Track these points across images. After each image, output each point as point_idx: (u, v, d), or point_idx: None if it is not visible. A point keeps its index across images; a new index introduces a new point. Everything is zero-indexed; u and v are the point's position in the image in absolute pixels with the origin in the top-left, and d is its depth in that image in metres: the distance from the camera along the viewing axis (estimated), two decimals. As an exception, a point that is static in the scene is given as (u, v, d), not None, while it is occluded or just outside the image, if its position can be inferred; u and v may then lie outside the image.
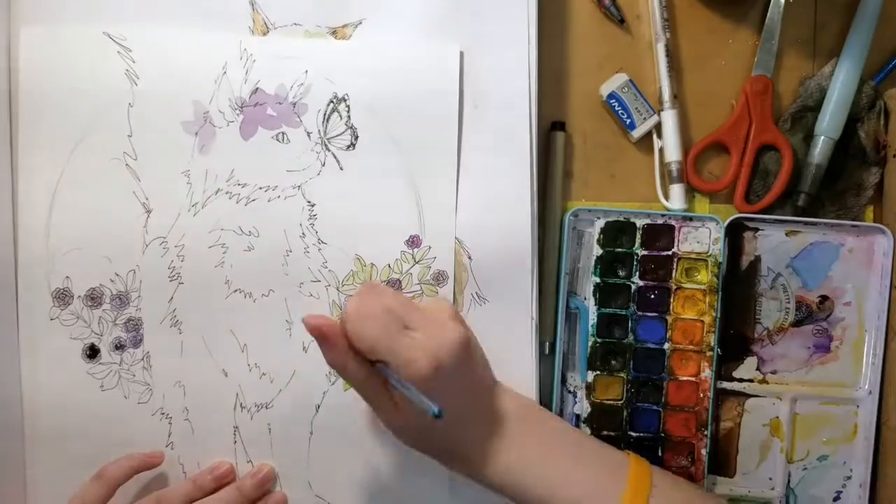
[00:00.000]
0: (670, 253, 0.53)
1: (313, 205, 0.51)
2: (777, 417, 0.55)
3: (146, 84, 0.50)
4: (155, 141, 0.50)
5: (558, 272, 0.54)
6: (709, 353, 0.53)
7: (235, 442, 0.52)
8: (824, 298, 0.55)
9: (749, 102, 0.54)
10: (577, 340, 0.54)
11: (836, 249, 0.54)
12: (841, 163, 0.54)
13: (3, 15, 0.49)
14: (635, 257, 0.53)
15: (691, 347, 0.54)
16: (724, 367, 0.55)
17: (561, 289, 0.53)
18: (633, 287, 0.54)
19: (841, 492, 0.55)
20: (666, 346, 0.54)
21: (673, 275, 0.54)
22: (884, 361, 0.54)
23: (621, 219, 0.53)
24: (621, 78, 0.53)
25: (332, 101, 0.50)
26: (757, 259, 0.54)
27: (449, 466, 0.49)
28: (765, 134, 0.54)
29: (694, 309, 0.54)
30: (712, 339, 0.53)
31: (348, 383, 0.47)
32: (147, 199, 0.50)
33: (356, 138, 0.51)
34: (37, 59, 0.49)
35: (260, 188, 0.50)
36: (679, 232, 0.53)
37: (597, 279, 0.54)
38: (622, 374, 0.54)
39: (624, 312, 0.54)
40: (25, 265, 0.50)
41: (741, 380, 0.55)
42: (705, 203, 0.55)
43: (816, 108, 0.54)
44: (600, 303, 0.54)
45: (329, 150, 0.51)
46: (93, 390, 0.51)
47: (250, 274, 0.51)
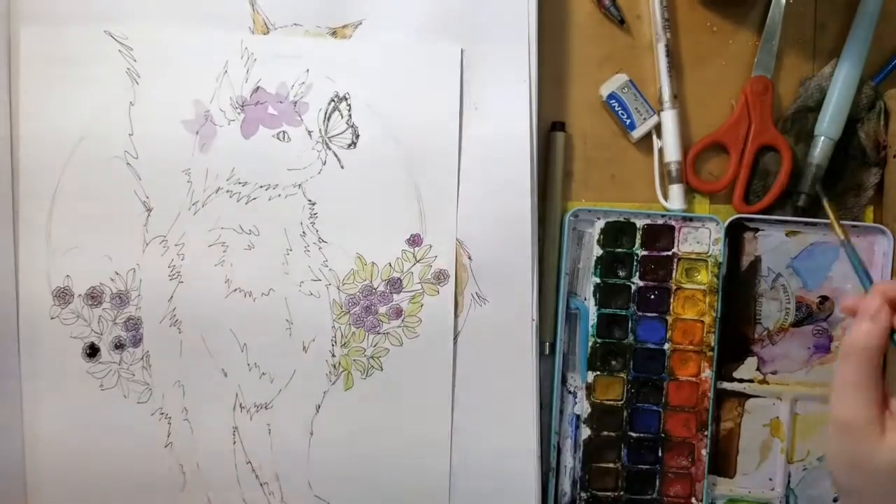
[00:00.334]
0: (670, 253, 0.53)
1: (314, 203, 0.51)
2: (777, 418, 0.55)
3: (147, 83, 0.50)
4: (156, 139, 0.50)
5: (558, 272, 0.54)
6: (709, 354, 0.53)
7: (235, 442, 0.52)
8: (824, 299, 0.55)
9: (749, 103, 0.54)
10: (578, 341, 0.54)
11: (837, 250, 0.54)
12: (841, 163, 0.54)
13: (4, 14, 0.49)
14: (635, 258, 0.53)
15: (691, 348, 0.53)
16: (725, 368, 0.55)
17: (561, 289, 0.53)
18: (634, 287, 0.54)
19: (841, 492, 0.55)
20: (666, 347, 0.54)
21: (673, 275, 0.54)
22: (884, 361, 0.54)
23: (621, 219, 0.53)
24: (621, 78, 0.54)
25: (333, 100, 0.51)
26: (757, 259, 0.54)
27: None
28: (764, 134, 0.54)
29: (694, 309, 0.54)
30: (712, 340, 0.53)
31: (846, 391, 0.38)
32: (147, 198, 0.50)
33: (357, 137, 0.51)
34: (37, 58, 0.49)
35: (260, 187, 0.50)
36: (679, 232, 0.53)
37: (597, 279, 0.54)
38: (622, 375, 0.54)
39: (624, 313, 0.54)
40: (26, 264, 0.50)
41: (741, 380, 0.55)
42: (705, 203, 0.55)
43: (816, 109, 0.54)
44: (600, 303, 0.54)
45: (330, 149, 0.51)
46: (92, 389, 0.51)
47: (250, 272, 0.51)
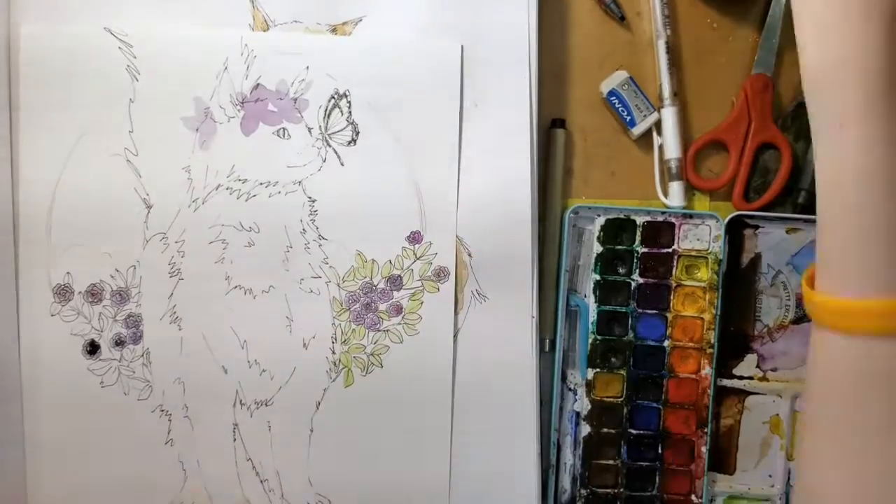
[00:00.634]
0: (670, 250, 0.53)
1: (314, 200, 0.51)
2: (777, 415, 0.55)
3: (147, 80, 0.50)
4: (156, 137, 0.50)
5: (558, 269, 0.54)
6: (709, 351, 0.53)
7: (235, 439, 0.52)
8: (824, 296, 0.55)
9: (749, 100, 0.54)
10: (577, 338, 0.54)
11: (836, 247, 0.54)
12: (841, 160, 0.54)
13: (3, 12, 0.49)
14: (635, 254, 0.53)
15: (691, 345, 0.54)
16: (724, 365, 0.55)
17: (561, 286, 0.53)
18: (634, 284, 0.54)
19: (841, 489, 0.55)
20: (666, 344, 0.54)
21: (673, 272, 0.54)
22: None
23: (622, 216, 0.53)
24: (621, 75, 0.54)
25: (334, 97, 0.50)
26: (757, 256, 0.54)
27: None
28: (764, 132, 0.54)
29: (694, 306, 0.54)
30: (712, 337, 0.53)
31: None
32: (147, 195, 0.50)
33: (357, 134, 0.51)
34: (37, 56, 0.49)
35: (260, 184, 0.50)
36: (679, 229, 0.53)
37: (597, 276, 0.54)
38: (622, 372, 0.54)
39: (624, 310, 0.54)
40: (26, 260, 0.50)
41: (741, 377, 0.55)
42: (705, 201, 0.55)
43: (816, 106, 0.54)
44: (600, 300, 0.54)
45: (330, 146, 0.51)
46: (93, 386, 0.51)
47: (250, 270, 0.51)
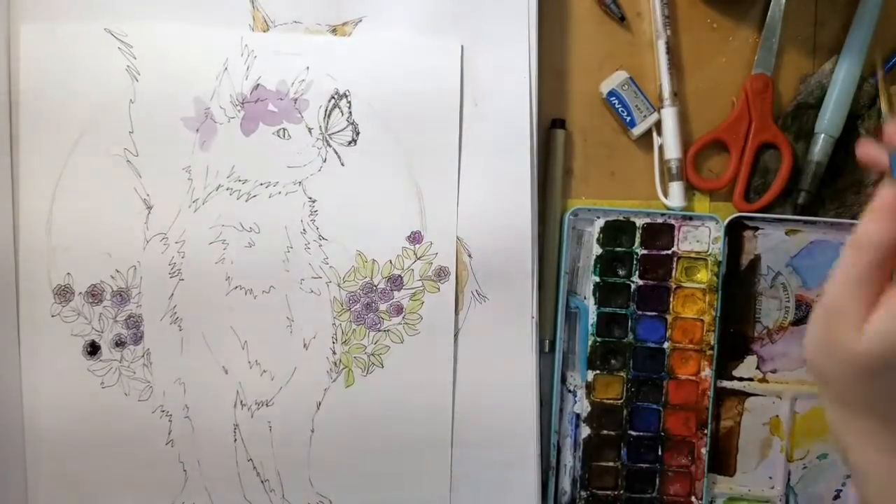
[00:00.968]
0: (670, 252, 0.53)
1: (314, 201, 0.51)
2: (777, 416, 0.55)
3: (147, 80, 0.50)
4: (156, 137, 0.50)
5: (558, 271, 0.54)
6: (709, 352, 0.53)
7: (235, 440, 0.52)
8: (824, 297, 0.55)
9: (749, 100, 0.54)
10: (577, 339, 0.54)
11: (836, 248, 0.54)
12: (841, 160, 0.54)
13: (3, 12, 0.49)
14: (635, 256, 0.53)
15: (691, 346, 0.53)
16: (724, 366, 0.55)
17: (561, 288, 0.53)
18: (633, 286, 0.54)
19: (841, 490, 0.55)
20: (666, 345, 0.54)
21: (673, 274, 0.54)
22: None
23: (621, 218, 0.53)
24: (621, 75, 0.54)
25: (334, 97, 0.50)
26: (757, 258, 0.54)
27: (860, 436, 0.36)
28: (765, 132, 0.54)
29: (694, 308, 0.54)
30: (712, 338, 0.53)
31: (846, 270, 0.35)
32: (148, 196, 0.50)
33: (357, 134, 0.51)
34: (37, 57, 0.49)
35: (261, 184, 0.50)
36: (679, 231, 0.53)
37: (596, 278, 0.54)
38: (622, 374, 0.54)
39: (624, 311, 0.54)
40: (26, 261, 0.50)
41: (741, 379, 0.55)
42: (705, 201, 0.55)
43: (817, 106, 0.54)
44: (600, 302, 0.54)
45: (330, 146, 0.51)
46: (93, 387, 0.51)
47: (251, 270, 0.51)
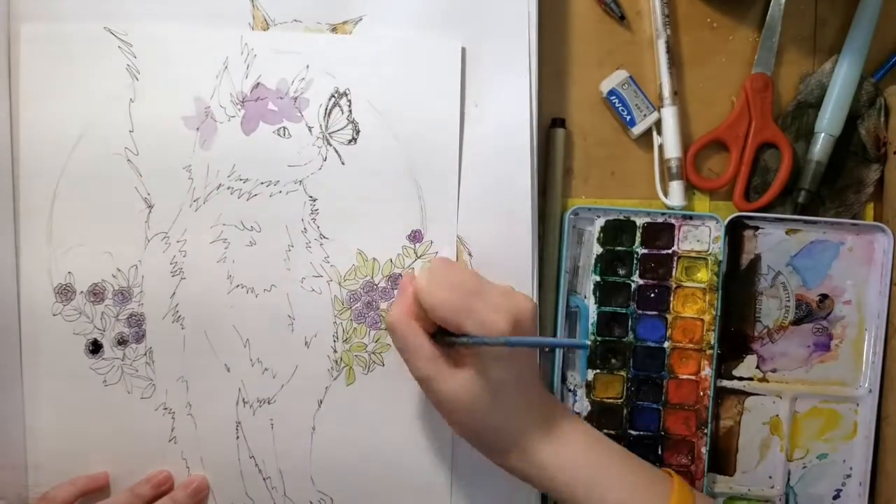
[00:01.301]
0: (670, 251, 0.53)
1: (315, 199, 0.51)
2: (777, 416, 0.55)
3: (147, 79, 0.50)
4: (156, 136, 0.50)
5: (558, 270, 0.54)
6: (709, 352, 0.53)
7: (238, 437, 0.52)
8: (824, 297, 0.55)
9: (749, 100, 0.54)
10: (578, 339, 0.54)
11: (836, 248, 0.54)
12: (841, 160, 0.54)
13: (3, 12, 0.49)
14: (635, 256, 0.53)
15: (691, 346, 0.54)
16: (724, 366, 0.55)
17: (561, 287, 0.53)
18: (633, 285, 0.54)
19: (841, 490, 0.55)
20: (666, 345, 0.54)
21: (673, 273, 0.54)
22: (884, 359, 0.54)
23: (621, 217, 0.53)
24: (621, 75, 0.54)
25: (334, 96, 0.51)
26: (757, 257, 0.54)
27: (491, 453, 0.47)
28: (765, 131, 0.54)
29: (694, 307, 0.54)
30: (712, 338, 0.53)
31: (407, 355, 0.45)
32: (148, 195, 0.50)
33: (358, 133, 0.51)
34: (37, 56, 0.49)
35: (261, 183, 0.50)
36: (679, 230, 0.53)
37: (597, 277, 0.54)
38: (622, 373, 0.54)
39: (624, 311, 0.54)
40: (27, 261, 0.50)
41: (741, 378, 0.55)
42: (705, 200, 0.55)
43: (817, 106, 0.54)
44: (600, 301, 0.54)
45: (330, 145, 0.51)
46: (96, 386, 0.51)
47: (252, 269, 0.51)
